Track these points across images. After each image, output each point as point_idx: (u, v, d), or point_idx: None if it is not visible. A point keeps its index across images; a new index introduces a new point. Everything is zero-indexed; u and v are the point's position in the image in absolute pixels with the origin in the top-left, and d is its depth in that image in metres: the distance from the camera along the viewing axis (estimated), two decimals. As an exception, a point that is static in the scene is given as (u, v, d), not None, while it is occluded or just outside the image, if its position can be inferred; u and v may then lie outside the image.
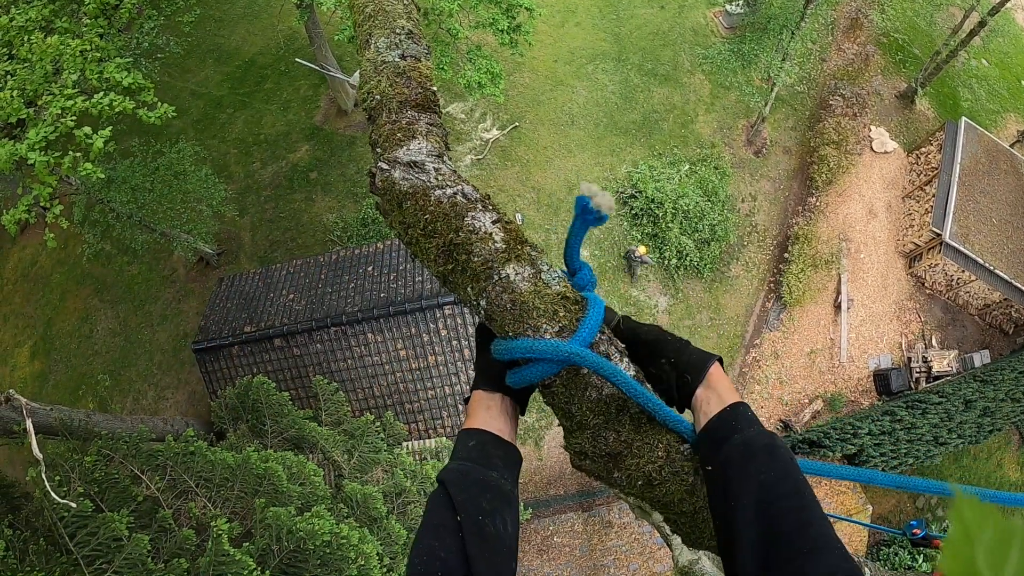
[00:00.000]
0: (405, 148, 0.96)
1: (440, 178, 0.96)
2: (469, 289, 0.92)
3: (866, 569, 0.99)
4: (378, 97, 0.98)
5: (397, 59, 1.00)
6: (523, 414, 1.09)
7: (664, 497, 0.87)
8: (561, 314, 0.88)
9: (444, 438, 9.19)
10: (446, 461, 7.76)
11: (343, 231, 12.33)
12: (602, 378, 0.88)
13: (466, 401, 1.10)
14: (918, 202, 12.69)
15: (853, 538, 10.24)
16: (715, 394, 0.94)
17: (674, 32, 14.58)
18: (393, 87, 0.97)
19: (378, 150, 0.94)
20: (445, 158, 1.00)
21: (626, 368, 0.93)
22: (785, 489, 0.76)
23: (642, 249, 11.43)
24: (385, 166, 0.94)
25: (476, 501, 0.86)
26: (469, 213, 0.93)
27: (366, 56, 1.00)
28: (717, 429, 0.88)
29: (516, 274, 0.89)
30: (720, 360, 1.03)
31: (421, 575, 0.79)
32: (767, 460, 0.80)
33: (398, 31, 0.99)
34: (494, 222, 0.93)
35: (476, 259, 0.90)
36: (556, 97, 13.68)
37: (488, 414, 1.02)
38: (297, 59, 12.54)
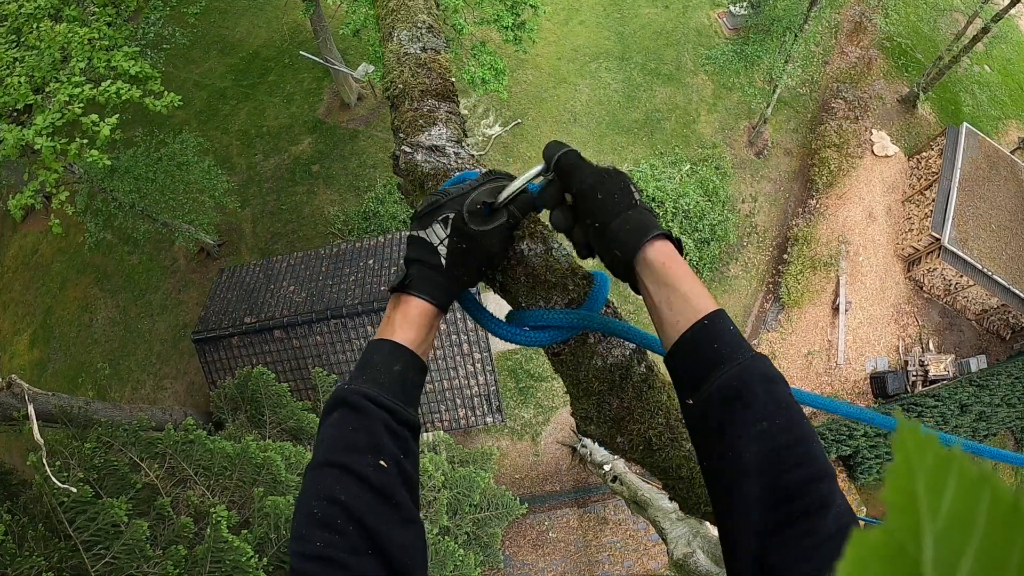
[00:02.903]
0: (426, 133, 1.01)
1: (459, 162, 1.02)
2: None
3: None
4: (400, 86, 1.02)
5: (418, 51, 1.04)
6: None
7: (663, 462, 0.92)
8: (571, 287, 0.94)
9: (442, 432, 9.23)
10: (443, 455, 7.71)
11: (344, 224, 12.36)
12: (606, 349, 0.94)
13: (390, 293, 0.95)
14: (918, 206, 12.73)
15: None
16: (676, 293, 0.79)
17: (678, 32, 14.60)
18: (415, 77, 1.02)
19: (400, 135, 0.99)
20: (463, 144, 1.05)
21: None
22: (789, 438, 0.66)
23: None
24: (408, 149, 0.99)
25: (398, 445, 0.79)
26: None
27: (389, 48, 1.05)
28: (693, 353, 0.76)
29: (529, 250, 0.95)
30: (671, 237, 0.84)
31: (319, 524, 0.69)
32: (766, 402, 0.69)
33: (419, 25, 1.04)
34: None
35: None
36: (559, 95, 13.71)
37: (418, 333, 0.89)
38: (301, 52, 12.54)
